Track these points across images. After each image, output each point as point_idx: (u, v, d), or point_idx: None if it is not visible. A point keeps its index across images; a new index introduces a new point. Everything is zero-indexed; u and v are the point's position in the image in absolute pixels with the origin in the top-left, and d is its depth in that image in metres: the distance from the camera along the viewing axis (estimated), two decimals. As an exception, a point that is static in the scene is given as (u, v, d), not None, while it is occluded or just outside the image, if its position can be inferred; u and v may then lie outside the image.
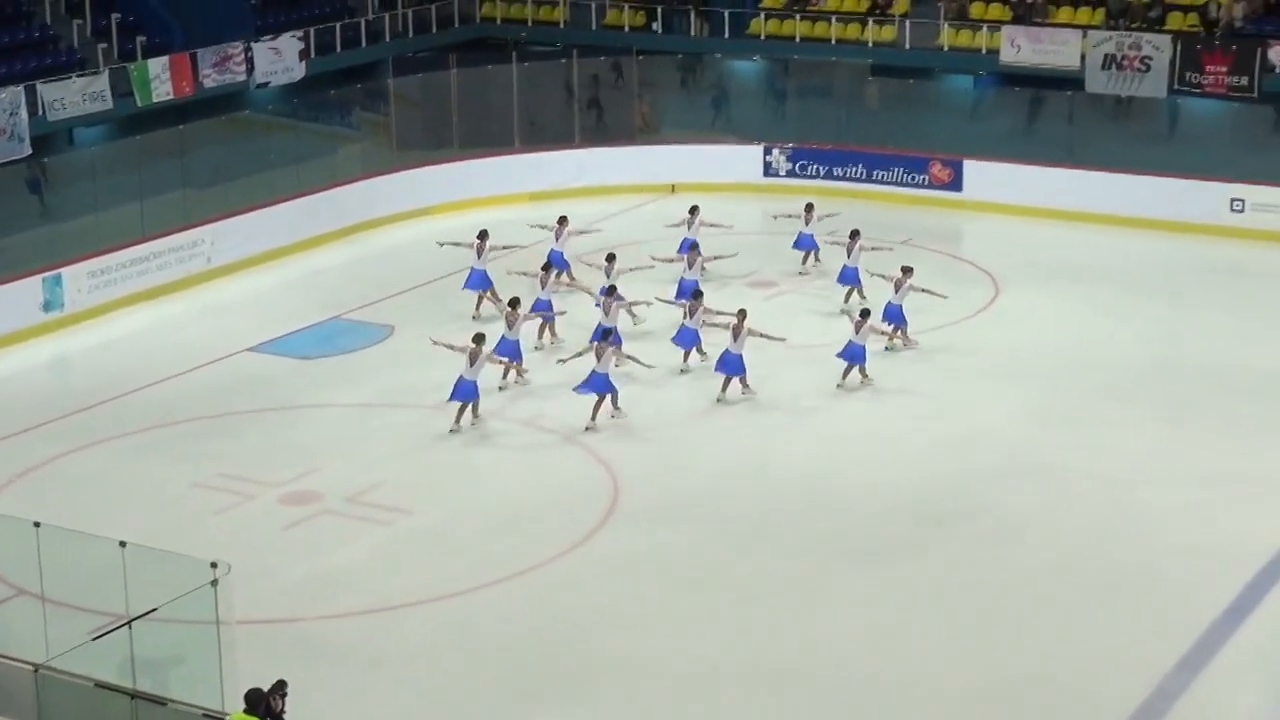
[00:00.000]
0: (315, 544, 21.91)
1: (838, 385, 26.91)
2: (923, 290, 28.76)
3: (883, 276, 29.21)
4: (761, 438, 25.31)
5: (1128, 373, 27.68)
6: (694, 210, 33.02)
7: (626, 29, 45.07)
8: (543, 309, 28.99)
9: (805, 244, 33.35)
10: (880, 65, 42.01)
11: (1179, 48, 38.49)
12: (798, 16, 43.58)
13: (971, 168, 38.42)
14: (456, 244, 31.45)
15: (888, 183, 38.93)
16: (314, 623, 19.79)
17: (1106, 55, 39.10)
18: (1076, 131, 39.31)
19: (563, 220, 32.40)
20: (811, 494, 23.15)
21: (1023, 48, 40.24)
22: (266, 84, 39.50)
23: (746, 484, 23.58)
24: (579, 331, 28.17)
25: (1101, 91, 39.03)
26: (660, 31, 44.97)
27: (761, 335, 26.88)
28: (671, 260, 31.02)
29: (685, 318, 28.08)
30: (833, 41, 42.73)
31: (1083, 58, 39.46)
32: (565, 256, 31.72)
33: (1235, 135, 38.45)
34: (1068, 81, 39.44)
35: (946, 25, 42.04)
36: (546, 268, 30.00)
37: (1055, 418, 25.79)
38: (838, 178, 39.43)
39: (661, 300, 28.95)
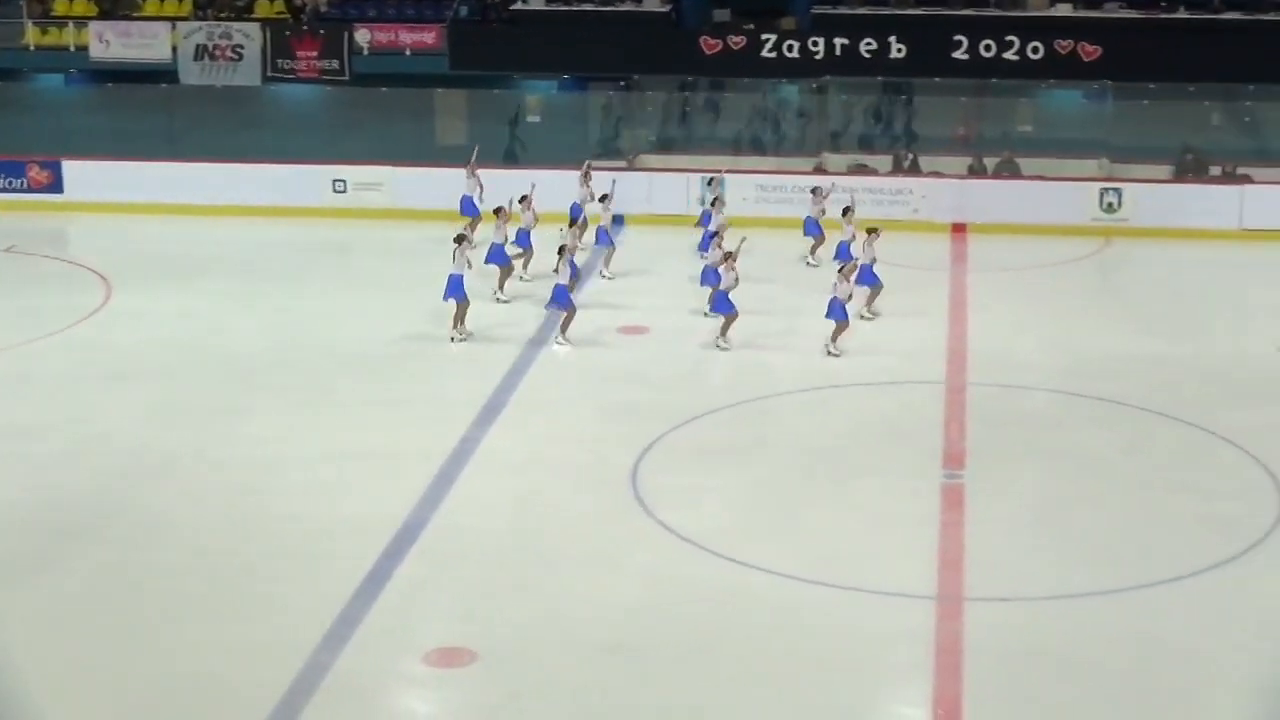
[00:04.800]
0: None
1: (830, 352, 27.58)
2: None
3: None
4: None
5: (256, 361, 27.68)
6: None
7: None
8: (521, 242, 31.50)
9: (812, 229, 32.50)
10: (-35, 69, 40.34)
11: (269, 35, 38.97)
12: None
13: (71, 167, 37.43)
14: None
15: (-15, 189, 37.38)
16: None
17: (198, 46, 39.11)
18: (176, 124, 39.05)
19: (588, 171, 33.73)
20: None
21: (112, 43, 39.68)
22: None
23: None
24: None
25: (196, 83, 38.99)
26: None
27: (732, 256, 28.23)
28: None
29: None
30: (-89, 46, 40.68)
31: (174, 50, 39.25)
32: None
33: (331, 118, 39.32)
34: (162, 74, 39.15)
35: (31, 24, 40.79)
36: (524, 199, 31.71)
37: (186, 413, 25.41)
38: (-83, 189, 37.52)
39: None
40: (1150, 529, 21.25)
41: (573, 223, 31.16)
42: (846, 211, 31.33)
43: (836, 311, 27.48)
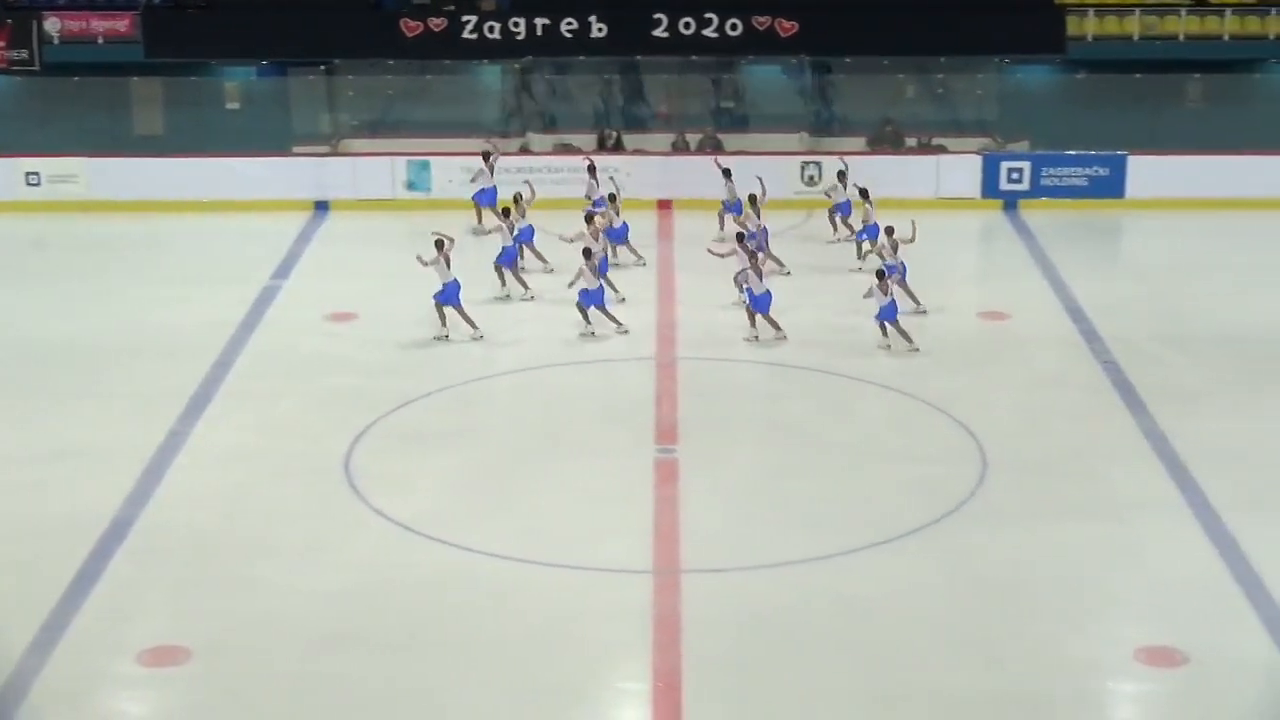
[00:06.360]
0: None
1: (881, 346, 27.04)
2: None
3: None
4: None
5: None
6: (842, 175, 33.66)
7: None
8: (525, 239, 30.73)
9: (843, 209, 32.67)
10: None
11: (-48, 25, 37.76)
12: None
13: None
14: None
15: None
16: None
17: None
18: None
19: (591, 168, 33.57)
20: None
21: None
22: None
23: None
24: None
25: None
26: None
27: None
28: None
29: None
30: None
31: None
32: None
33: (22, 109, 38.24)
34: None
35: None
36: (517, 199, 31.19)
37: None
38: None
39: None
40: (860, 494, 21.71)
41: (590, 219, 30.42)
42: (864, 193, 31.94)
43: (890, 314, 27.14)
